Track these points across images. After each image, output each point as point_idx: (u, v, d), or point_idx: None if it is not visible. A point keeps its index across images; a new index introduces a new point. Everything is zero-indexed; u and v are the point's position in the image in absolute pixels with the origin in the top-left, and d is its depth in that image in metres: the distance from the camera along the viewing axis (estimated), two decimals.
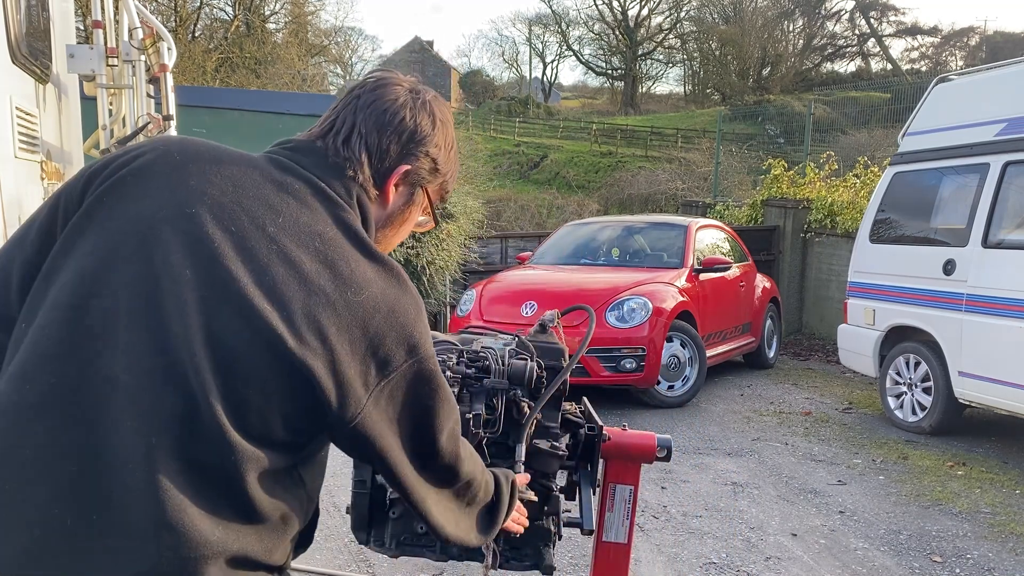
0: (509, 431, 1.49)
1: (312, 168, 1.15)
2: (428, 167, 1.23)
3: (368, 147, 1.17)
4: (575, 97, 57.01)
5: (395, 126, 1.19)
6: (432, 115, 1.24)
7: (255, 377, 0.98)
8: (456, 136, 1.33)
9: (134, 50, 3.43)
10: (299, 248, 1.04)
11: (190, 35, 26.18)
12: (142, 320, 0.97)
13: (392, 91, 1.22)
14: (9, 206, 2.72)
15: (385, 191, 1.20)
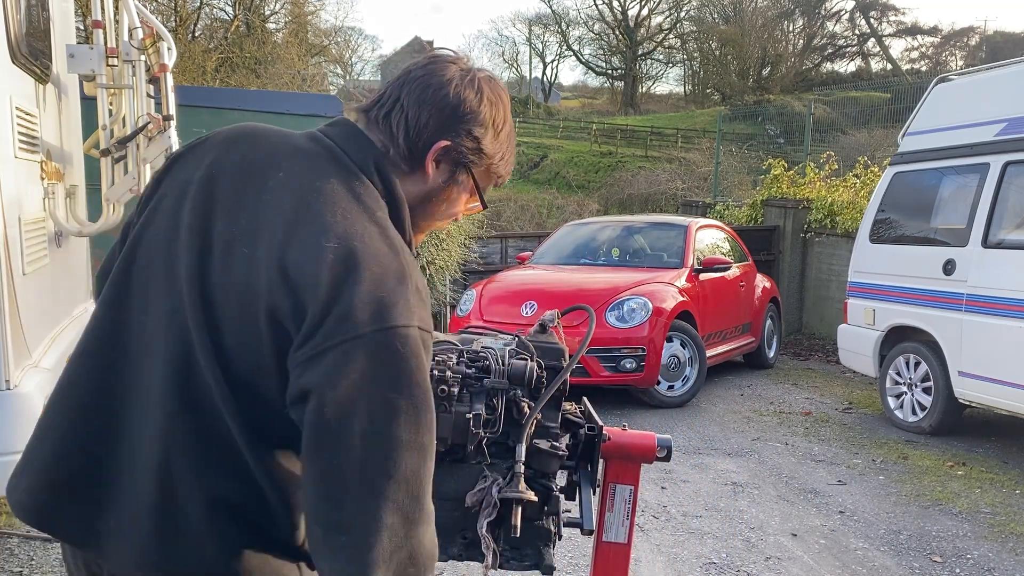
0: (509, 431, 1.49)
1: (337, 138, 1.17)
2: (471, 146, 1.20)
3: (407, 121, 1.16)
4: (575, 97, 57.00)
5: (437, 101, 1.17)
6: (480, 92, 1.20)
7: (233, 319, 1.04)
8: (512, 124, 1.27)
9: (134, 50, 3.43)
10: (290, 197, 1.07)
11: (190, 35, 26.17)
12: (162, 268, 1.10)
13: (443, 67, 1.20)
14: (9, 206, 2.72)
15: (424, 166, 1.18)
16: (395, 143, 1.17)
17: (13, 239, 2.76)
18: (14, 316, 2.72)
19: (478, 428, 1.42)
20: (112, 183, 3.58)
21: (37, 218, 3.12)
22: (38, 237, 3.11)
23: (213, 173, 1.12)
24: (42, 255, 3.16)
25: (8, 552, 3.28)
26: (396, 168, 1.17)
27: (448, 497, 1.47)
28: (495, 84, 1.25)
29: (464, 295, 7.10)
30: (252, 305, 1.03)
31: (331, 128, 1.20)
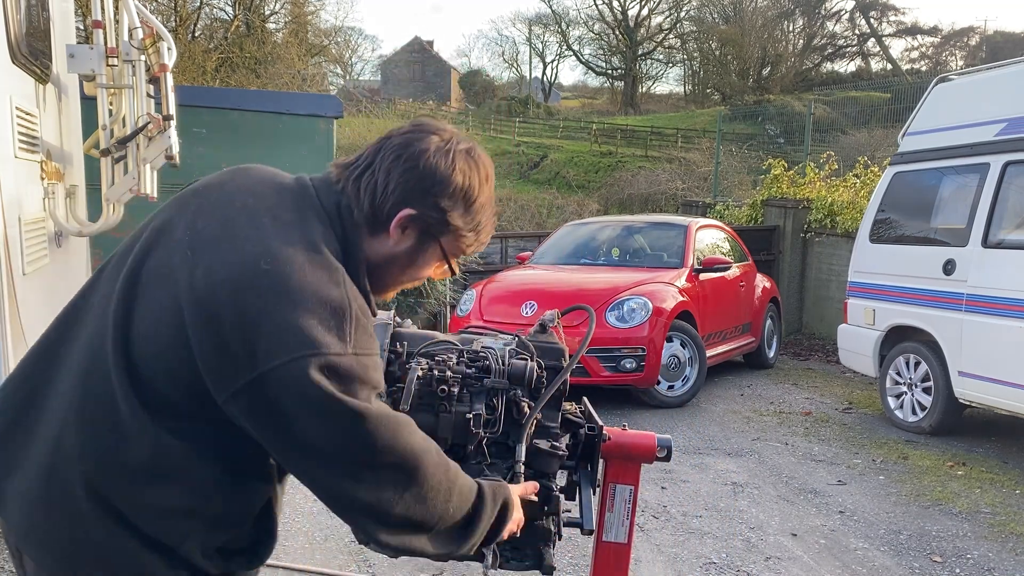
0: (509, 431, 1.49)
1: (317, 181, 1.23)
2: (437, 217, 1.21)
3: (376, 186, 1.18)
4: (575, 97, 57.01)
5: (407, 170, 1.18)
6: (453, 164, 1.20)
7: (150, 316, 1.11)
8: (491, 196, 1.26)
9: (134, 50, 3.43)
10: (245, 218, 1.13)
11: (190, 35, 26.17)
12: (117, 260, 1.21)
13: (422, 137, 1.21)
14: (9, 206, 2.72)
15: (388, 231, 1.20)
16: (360, 205, 1.18)
17: (13, 239, 2.76)
18: (14, 316, 2.72)
19: (478, 428, 1.42)
20: (112, 183, 3.58)
21: (37, 218, 3.12)
22: (38, 237, 3.11)
23: (199, 188, 1.23)
24: (42, 255, 3.16)
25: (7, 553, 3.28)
26: (359, 228, 1.19)
27: None
28: (474, 156, 1.25)
29: (464, 295, 7.10)
30: (170, 304, 1.08)
31: (317, 175, 1.25)
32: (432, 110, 33.62)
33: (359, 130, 8.65)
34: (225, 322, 1.03)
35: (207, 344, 1.04)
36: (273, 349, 1.02)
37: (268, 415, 1.04)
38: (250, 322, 1.03)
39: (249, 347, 1.02)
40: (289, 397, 1.02)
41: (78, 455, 1.11)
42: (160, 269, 1.11)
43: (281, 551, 3.48)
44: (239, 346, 1.03)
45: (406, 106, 29.88)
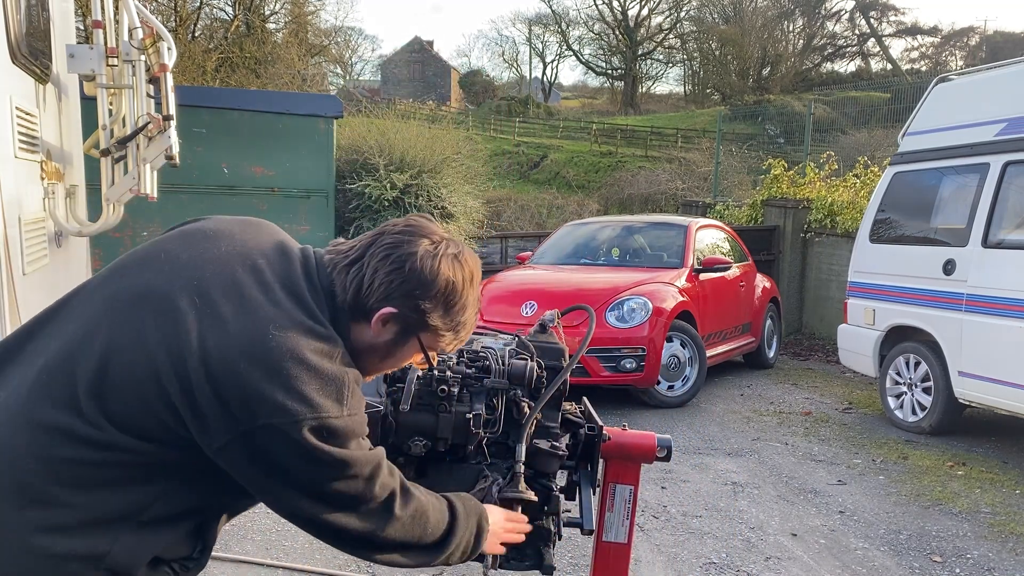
0: (509, 431, 1.49)
1: (319, 256, 1.29)
2: (416, 318, 1.25)
3: (361, 280, 1.23)
4: (575, 97, 57.00)
5: (393, 271, 1.23)
6: (437, 269, 1.24)
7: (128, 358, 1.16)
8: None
9: (134, 50, 3.42)
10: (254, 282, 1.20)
11: (190, 35, 26.15)
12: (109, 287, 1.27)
13: (412, 239, 1.26)
14: (9, 206, 2.72)
15: (370, 324, 1.25)
16: (345, 295, 1.23)
17: (13, 239, 2.76)
18: (14, 316, 2.72)
19: (478, 428, 1.42)
20: (112, 183, 3.58)
21: (37, 218, 3.12)
22: (38, 237, 3.11)
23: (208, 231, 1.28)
24: (42, 255, 3.16)
25: None
26: (344, 313, 1.24)
27: None
28: (460, 260, 1.28)
29: None
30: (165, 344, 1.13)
31: (321, 249, 1.32)
32: (432, 110, 33.60)
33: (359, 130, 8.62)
34: (227, 381, 1.10)
35: (204, 398, 1.10)
36: (280, 407, 1.10)
37: (260, 463, 1.13)
38: (253, 383, 1.09)
39: (250, 405, 1.10)
40: (284, 448, 1.11)
41: (21, 451, 1.12)
42: (163, 307, 1.16)
43: (281, 551, 3.48)
44: (239, 403, 1.10)
45: (406, 106, 29.87)
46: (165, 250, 1.24)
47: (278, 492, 1.17)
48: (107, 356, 1.13)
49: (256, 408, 1.09)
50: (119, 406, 1.12)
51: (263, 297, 1.16)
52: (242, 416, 1.09)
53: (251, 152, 7.16)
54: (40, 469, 1.11)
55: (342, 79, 41.35)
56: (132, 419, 1.12)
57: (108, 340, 1.14)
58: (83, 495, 1.11)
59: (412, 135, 9.06)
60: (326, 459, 1.13)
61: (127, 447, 1.12)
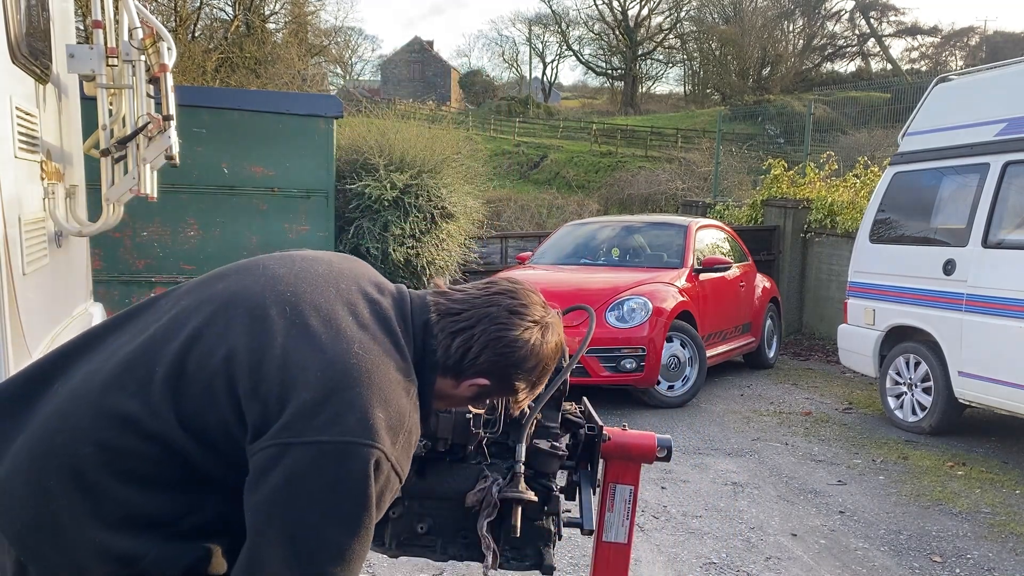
0: (509, 431, 1.49)
1: (415, 299, 1.32)
2: (504, 389, 1.34)
3: (468, 352, 1.29)
4: (575, 97, 56.99)
5: (501, 355, 1.29)
6: (540, 355, 1.33)
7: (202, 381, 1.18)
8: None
9: (134, 50, 3.42)
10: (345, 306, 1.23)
11: (190, 35, 26.15)
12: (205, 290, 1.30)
13: (523, 324, 1.31)
14: (9, 206, 2.72)
15: (460, 383, 1.31)
16: (448, 356, 1.28)
17: (13, 239, 2.76)
18: (14, 316, 2.72)
19: (478, 428, 1.42)
20: (112, 183, 3.58)
21: (37, 218, 3.12)
22: (38, 237, 3.11)
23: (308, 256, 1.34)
24: (42, 255, 3.16)
25: None
26: (437, 366, 1.29)
27: (448, 497, 1.47)
28: (557, 334, 1.38)
29: None
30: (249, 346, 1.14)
31: (416, 292, 1.36)
32: (432, 110, 33.58)
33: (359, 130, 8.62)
34: (301, 386, 1.10)
35: (278, 395, 1.10)
36: (341, 423, 1.09)
37: (295, 474, 1.08)
38: (326, 394, 1.10)
39: (320, 412, 1.09)
40: (334, 470, 1.08)
41: (85, 435, 1.13)
42: (251, 310, 1.18)
43: None
44: (308, 411, 1.09)
45: (406, 106, 29.86)
46: (264, 264, 1.28)
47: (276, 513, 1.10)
48: (189, 345, 1.16)
49: (319, 422, 1.08)
50: (187, 398, 1.13)
51: (352, 319, 1.19)
52: (301, 425, 1.08)
53: (251, 152, 7.15)
54: (96, 455, 1.12)
55: (342, 79, 41.36)
56: (196, 415, 1.13)
57: (193, 332, 1.17)
58: (131, 490, 1.13)
59: (412, 135, 9.05)
60: (359, 500, 1.09)
61: (182, 447, 1.13)
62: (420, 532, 1.48)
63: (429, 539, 1.49)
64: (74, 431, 1.14)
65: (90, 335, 1.28)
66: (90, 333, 1.28)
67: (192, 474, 1.16)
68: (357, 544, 1.10)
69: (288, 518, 1.08)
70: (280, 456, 1.08)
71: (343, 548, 1.09)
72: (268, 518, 1.09)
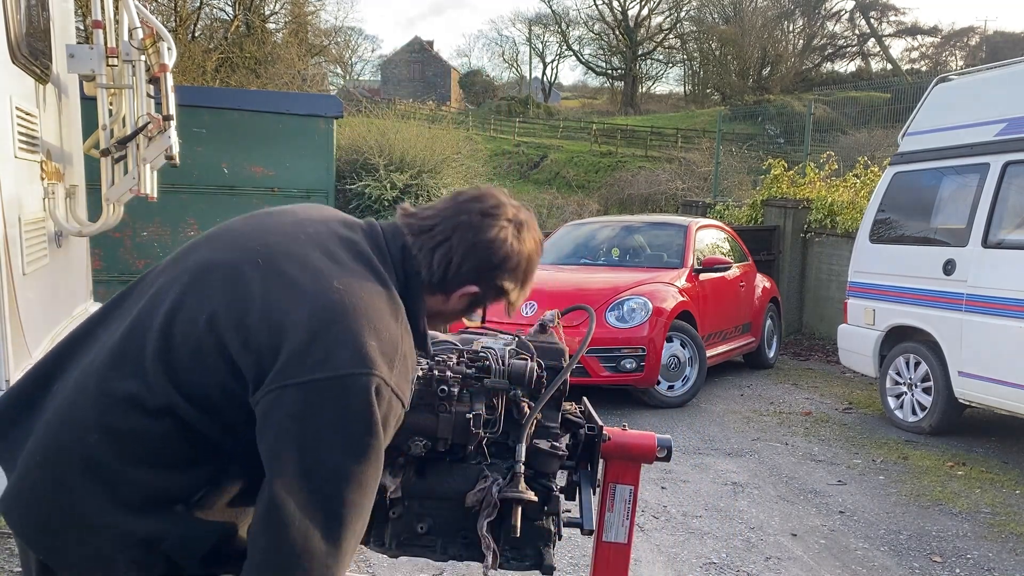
0: (509, 431, 1.49)
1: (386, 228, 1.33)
2: (495, 294, 1.36)
3: (450, 263, 1.29)
4: (575, 97, 56.99)
5: (482, 255, 1.31)
6: (521, 250, 1.35)
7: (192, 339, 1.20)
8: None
9: (134, 50, 3.43)
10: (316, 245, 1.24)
11: (190, 35, 26.15)
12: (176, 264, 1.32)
13: (497, 225, 1.32)
14: (9, 206, 2.72)
15: (449, 296, 1.33)
16: (431, 273, 1.30)
17: (13, 239, 2.76)
18: (14, 316, 2.72)
19: (478, 428, 1.42)
20: (112, 183, 3.58)
21: (37, 218, 3.12)
22: (38, 237, 3.11)
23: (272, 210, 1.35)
24: (42, 255, 3.16)
25: (8, 552, 3.28)
26: (423, 285, 1.31)
27: (448, 497, 1.47)
28: (533, 231, 1.39)
29: None
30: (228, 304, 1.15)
31: (385, 222, 1.36)
32: (432, 110, 33.58)
33: (359, 130, 8.64)
34: (290, 329, 1.11)
35: (267, 343, 1.11)
36: (335, 359, 1.10)
37: (303, 416, 1.09)
38: (316, 331, 1.11)
39: (311, 351, 1.10)
40: (337, 405, 1.09)
41: (90, 424, 1.15)
42: (228, 274, 1.19)
43: None
44: (301, 351, 1.10)
45: (406, 106, 29.84)
46: (231, 227, 1.30)
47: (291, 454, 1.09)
48: (172, 316, 1.17)
49: (313, 360, 1.09)
50: (181, 368, 1.14)
51: (327, 259, 1.20)
52: (295, 367, 1.10)
53: (251, 152, 7.16)
54: (104, 442, 1.14)
55: (342, 79, 41.36)
56: (194, 383, 1.14)
57: (174, 303, 1.18)
58: (144, 471, 1.14)
59: (412, 135, 9.07)
60: (368, 429, 1.10)
61: (187, 418, 1.15)
62: (420, 532, 1.48)
63: (429, 539, 1.49)
64: (79, 423, 1.15)
65: (79, 332, 1.29)
66: (79, 330, 1.30)
67: (203, 446, 1.17)
68: (370, 469, 1.12)
69: (298, 455, 1.09)
70: (280, 398, 1.10)
71: (357, 475, 1.11)
72: (278, 458, 1.10)
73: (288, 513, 1.08)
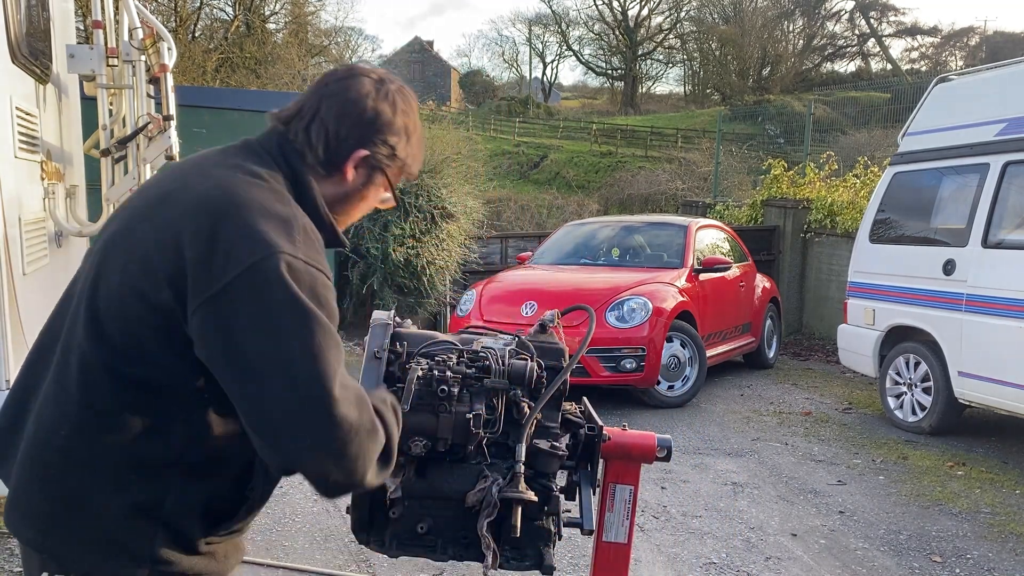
0: (509, 431, 1.49)
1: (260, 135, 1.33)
2: (386, 153, 1.34)
3: (327, 133, 1.29)
4: (575, 97, 57.00)
5: (355, 115, 1.30)
6: (394, 104, 1.33)
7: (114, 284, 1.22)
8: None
9: (134, 50, 3.43)
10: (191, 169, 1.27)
11: (190, 35, 26.15)
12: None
13: (359, 82, 1.32)
14: (9, 206, 2.72)
15: (343, 172, 1.31)
16: (314, 152, 1.29)
17: (13, 239, 2.77)
18: (14, 316, 2.72)
19: (478, 428, 1.42)
20: (112, 183, 3.58)
21: (37, 218, 3.12)
22: (38, 237, 3.11)
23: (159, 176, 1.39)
24: (42, 255, 3.16)
25: (8, 552, 3.28)
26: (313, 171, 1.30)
27: (448, 497, 1.47)
28: (407, 94, 1.38)
29: (464, 295, 7.10)
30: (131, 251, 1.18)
31: (263, 137, 1.33)
32: (432, 110, 33.59)
33: None
34: (185, 244, 1.12)
35: (171, 268, 1.12)
36: (236, 255, 1.09)
37: (230, 323, 1.09)
38: (208, 237, 1.11)
39: (212, 259, 1.10)
40: (255, 297, 1.09)
41: (56, 422, 1.18)
42: (123, 232, 1.22)
43: (281, 551, 3.48)
44: (203, 261, 1.10)
45: None
46: (132, 195, 1.33)
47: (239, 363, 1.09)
48: (93, 289, 1.19)
49: (216, 267, 1.09)
50: (117, 334, 1.15)
51: (203, 175, 1.21)
52: (203, 282, 1.09)
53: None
54: (76, 429, 1.16)
55: None
56: (135, 344, 1.15)
57: (93, 277, 1.21)
58: (124, 444, 1.16)
59: None
60: (296, 307, 1.08)
61: (146, 379, 1.15)
62: (420, 532, 1.48)
63: (429, 539, 1.49)
64: (50, 420, 1.19)
65: (43, 337, 1.31)
66: (42, 335, 1.32)
67: (171, 403, 1.17)
68: (319, 338, 1.09)
69: (245, 364, 1.09)
70: (204, 318, 1.10)
71: (309, 350, 1.09)
72: (230, 368, 1.10)
73: (272, 420, 1.07)
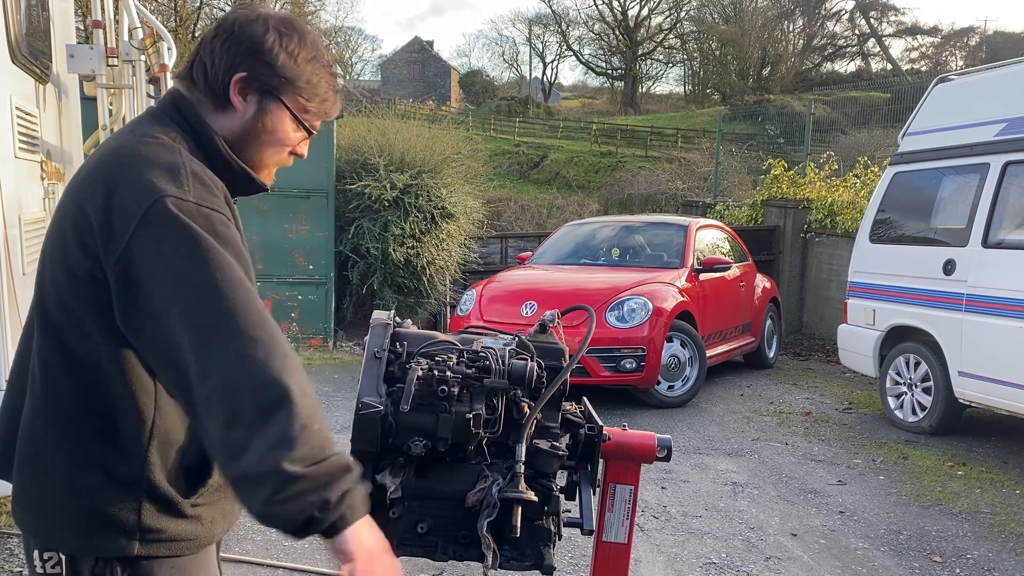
0: (509, 431, 1.49)
1: (160, 107, 1.33)
2: (267, 72, 1.27)
3: (204, 65, 1.28)
4: (575, 97, 57.00)
5: (226, 41, 1.28)
6: (266, 24, 1.28)
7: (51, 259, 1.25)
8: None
9: (134, 50, 3.43)
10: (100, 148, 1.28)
11: (190, 35, 26.14)
12: None
13: (234, 16, 1.31)
14: (9, 206, 2.73)
15: (231, 102, 1.28)
16: (198, 87, 1.29)
17: (13, 239, 2.77)
18: (14, 316, 2.72)
19: (478, 428, 1.42)
20: None
21: (37, 218, 3.12)
22: (38, 237, 3.11)
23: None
24: None
25: (8, 552, 3.28)
26: (204, 107, 1.29)
27: (448, 497, 1.47)
28: (288, 19, 1.33)
29: (464, 295, 7.10)
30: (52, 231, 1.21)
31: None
32: (432, 110, 33.60)
33: (359, 130, 8.63)
34: (90, 212, 1.14)
35: (85, 238, 1.14)
36: (129, 209, 1.11)
37: (140, 279, 1.09)
38: (104, 202, 1.13)
39: (111, 220, 1.12)
40: (155, 243, 1.09)
41: (34, 412, 1.22)
42: (53, 220, 1.25)
43: (281, 551, 3.48)
44: (105, 224, 1.12)
45: (406, 106, 29.87)
46: None
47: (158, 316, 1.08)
48: (40, 278, 1.24)
49: (116, 226, 1.10)
50: (58, 314, 1.19)
51: (108, 146, 1.24)
52: (109, 243, 1.11)
53: None
54: (47, 420, 1.20)
55: (342, 79, 41.36)
56: (77, 320, 1.17)
57: (40, 268, 1.25)
58: (92, 423, 1.19)
59: (412, 135, 9.05)
60: (182, 238, 1.08)
61: (97, 353, 1.17)
62: (420, 532, 1.48)
63: (429, 539, 1.49)
64: (29, 410, 1.23)
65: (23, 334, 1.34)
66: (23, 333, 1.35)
67: (130, 375, 1.19)
68: (227, 273, 1.09)
69: (164, 311, 1.08)
70: (119, 279, 1.11)
71: (220, 286, 1.08)
72: (158, 331, 1.09)
73: (202, 369, 1.06)
